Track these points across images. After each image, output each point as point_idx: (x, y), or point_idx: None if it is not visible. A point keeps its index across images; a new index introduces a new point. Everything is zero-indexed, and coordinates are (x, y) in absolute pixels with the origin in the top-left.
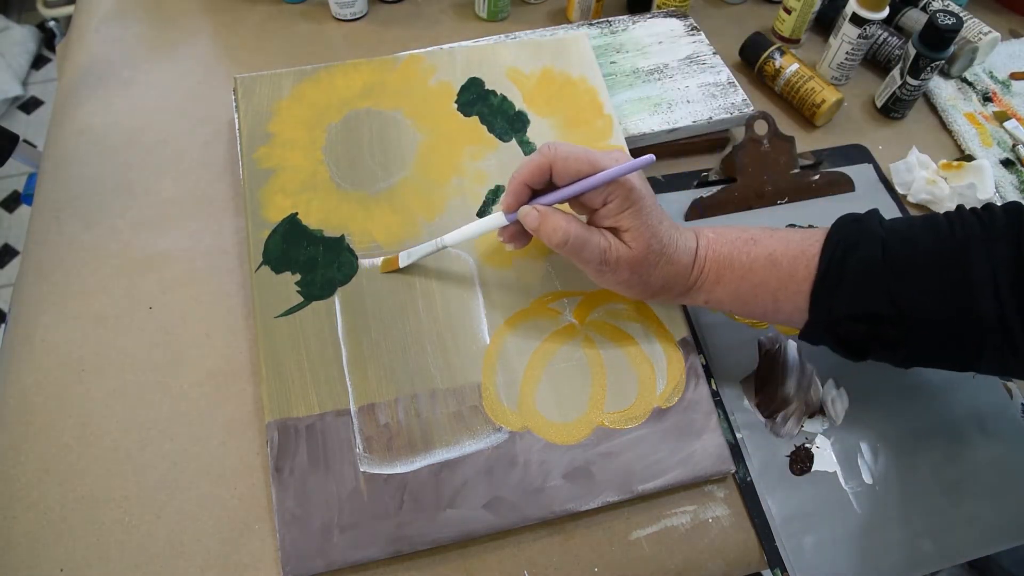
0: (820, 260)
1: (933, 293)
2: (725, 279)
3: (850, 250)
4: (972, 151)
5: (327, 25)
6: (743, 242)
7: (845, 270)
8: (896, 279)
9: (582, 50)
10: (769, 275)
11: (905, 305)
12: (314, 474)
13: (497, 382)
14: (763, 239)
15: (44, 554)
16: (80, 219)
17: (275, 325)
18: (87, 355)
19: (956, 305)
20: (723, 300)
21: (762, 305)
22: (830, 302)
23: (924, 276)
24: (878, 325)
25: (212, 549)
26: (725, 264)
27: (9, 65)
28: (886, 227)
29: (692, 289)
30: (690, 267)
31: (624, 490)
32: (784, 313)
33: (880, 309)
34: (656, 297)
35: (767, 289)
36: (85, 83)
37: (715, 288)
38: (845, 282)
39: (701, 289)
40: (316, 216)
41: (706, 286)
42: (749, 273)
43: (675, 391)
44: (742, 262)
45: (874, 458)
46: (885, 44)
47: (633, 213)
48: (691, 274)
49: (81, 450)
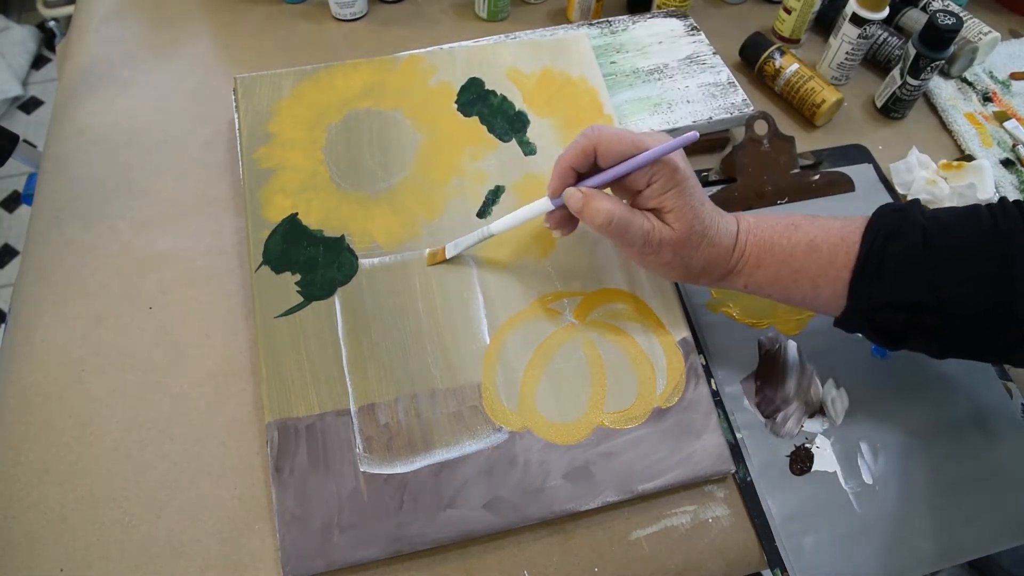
0: (860, 247)
1: (973, 284)
2: (765, 263)
3: (891, 237)
4: (972, 151)
5: (327, 25)
6: (784, 227)
7: (886, 257)
8: (937, 268)
9: (582, 50)
10: (809, 261)
11: (946, 295)
12: (314, 474)
13: (497, 382)
14: (804, 225)
15: (44, 554)
16: (80, 219)
17: (275, 325)
18: (87, 355)
19: (995, 298)
20: (762, 284)
21: (801, 291)
22: (870, 289)
23: (965, 267)
24: (918, 314)
25: (212, 549)
26: (766, 248)
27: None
28: (927, 216)
29: (732, 272)
30: (731, 249)
31: (624, 490)
32: (822, 299)
33: (921, 298)
34: (697, 280)
35: (807, 275)
36: (85, 83)
37: (755, 272)
38: (886, 270)
39: (741, 273)
40: (316, 216)
41: (746, 270)
42: (790, 258)
43: (675, 391)
44: (783, 246)
45: (874, 458)
46: (885, 44)
47: (677, 193)
48: (732, 256)
49: (81, 450)
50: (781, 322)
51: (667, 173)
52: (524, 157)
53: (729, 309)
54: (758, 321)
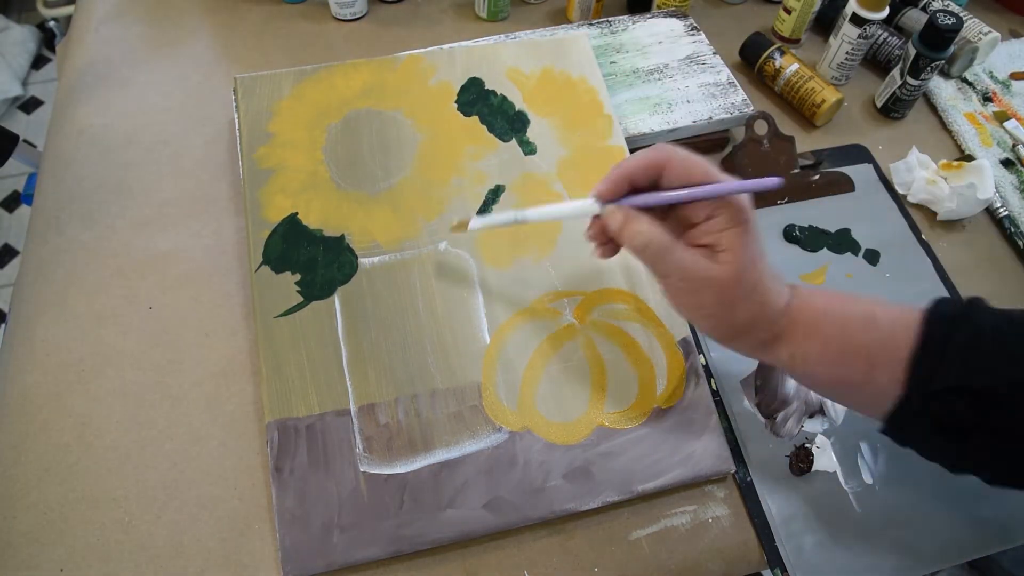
0: (921, 327)
1: None
2: (816, 333)
3: (959, 320)
4: (972, 151)
5: (327, 25)
6: (841, 299)
7: (952, 339)
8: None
9: (582, 50)
10: (867, 335)
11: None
12: (314, 474)
13: (497, 382)
14: (862, 299)
15: (44, 554)
16: (80, 219)
17: (275, 325)
18: (87, 355)
19: None
20: (810, 357)
21: (853, 370)
22: (931, 372)
23: None
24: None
25: (212, 549)
26: (820, 315)
27: (9, 65)
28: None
29: (778, 338)
30: (780, 312)
31: (624, 490)
32: (878, 385)
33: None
34: (736, 340)
35: (862, 352)
36: (85, 83)
37: (804, 343)
38: (951, 352)
39: (790, 341)
40: (316, 216)
41: (795, 339)
42: (844, 330)
43: (675, 391)
44: (836, 316)
45: (874, 458)
46: (885, 44)
47: (738, 234)
48: (780, 320)
49: (81, 450)
50: None
51: (733, 211)
52: (524, 157)
53: None
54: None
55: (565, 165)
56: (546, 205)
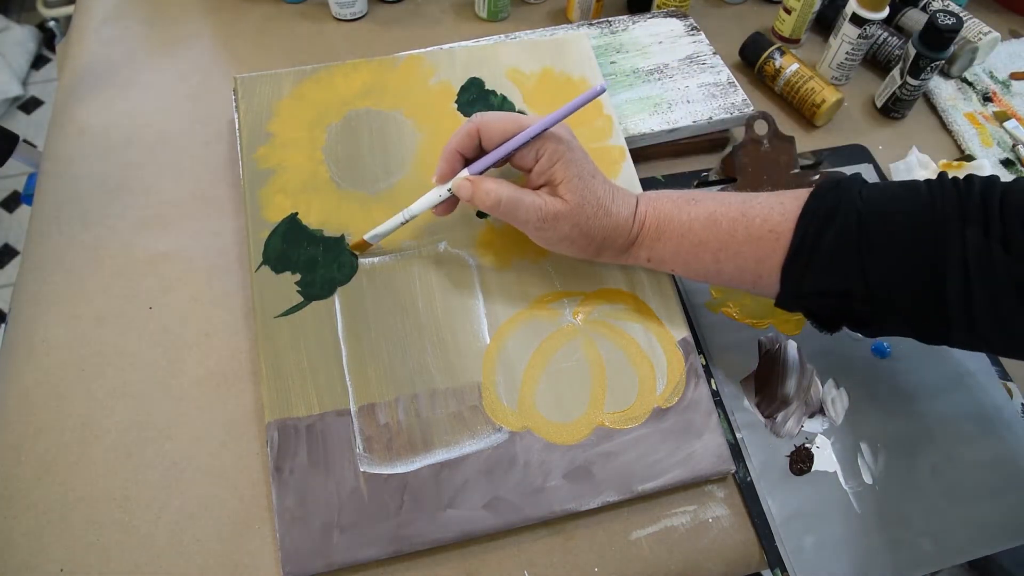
0: (795, 233)
1: (904, 269)
2: (666, 235)
3: (826, 222)
4: (972, 151)
5: (327, 25)
6: (684, 200)
7: (819, 245)
8: (869, 255)
9: (582, 50)
10: (709, 234)
11: (875, 281)
12: (314, 474)
13: (497, 382)
14: (703, 200)
15: (44, 554)
16: (80, 219)
17: (275, 325)
18: (87, 355)
19: (925, 283)
20: (665, 258)
21: (703, 265)
22: (800, 277)
23: (897, 252)
24: (847, 301)
25: (212, 549)
26: (665, 219)
27: (9, 65)
28: (864, 197)
29: (634, 244)
30: (630, 220)
31: (624, 490)
32: (725, 275)
33: (849, 286)
34: (600, 254)
35: (707, 249)
36: (85, 83)
37: (656, 245)
38: (816, 258)
39: (643, 245)
40: (316, 216)
41: (647, 242)
42: (688, 231)
43: (675, 391)
44: (681, 220)
45: (874, 458)
46: (885, 44)
47: (564, 164)
48: (631, 228)
49: (81, 450)
50: (781, 322)
51: (551, 146)
52: None
53: (729, 309)
54: (758, 321)
55: None
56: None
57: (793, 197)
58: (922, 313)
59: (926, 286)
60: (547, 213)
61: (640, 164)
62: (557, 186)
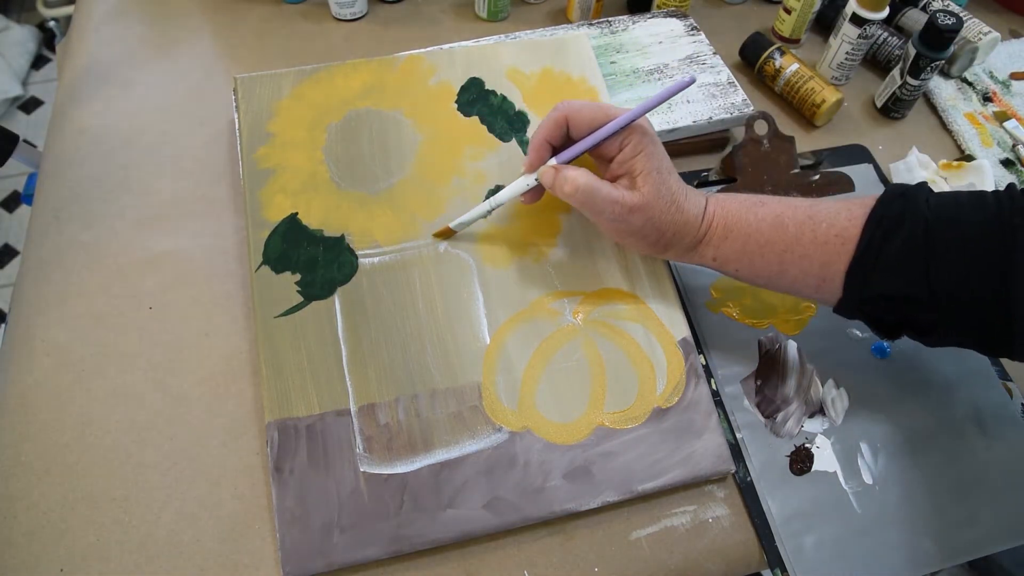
0: (861, 237)
1: (970, 278)
2: (733, 235)
3: (893, 228)
4: (972, 151)
5: (327, 25)
6: (752, 203)
7: (885, 251)
8: (935, 261)
9: (582, 50)
10: (776, 236)
11: (940, 289)
12: (314, 474)
13: (497, 382)
14: (770, 202)
15: (44, 554)
16: (80, 219)
17: (275, 325)
18: (87, 355)
19: (992, 292)
20: (730, 258)
21: (767, 267)
22: (865, 282)
23: (963, 260)
24: (911, 307)
25: (212, 549)
26: (733, 219)
27: (9, 65)
28: (932, 204)
29: (701, 243)
30: (700, 218)
31: (624, 490)
32: (788, 278)
33: (914, 292)
34: (667, 250)
35: (773, 250)
36: (85, 83)
37: (723, 244)
38: (883, 263)
39: (710, 243)
40: (316, 216)
41: (715, 240)
42: (756, 232)
43: (675, 391)
44: (749, 220)
45: (874, 458)
46: (885, 44)
47: (646, 156)
48: (700, 226)
49: (81, 450)
50: (781, 322)
51: (635, 138)
52: (524, 157)
53: (729, 309)
54: (758, 321)
55: None
56: (502, 190)
57: (860, 203)
58: (986, 322)
59: (992, 295)
60: (624, 205)
61: None
62: (636, 177)
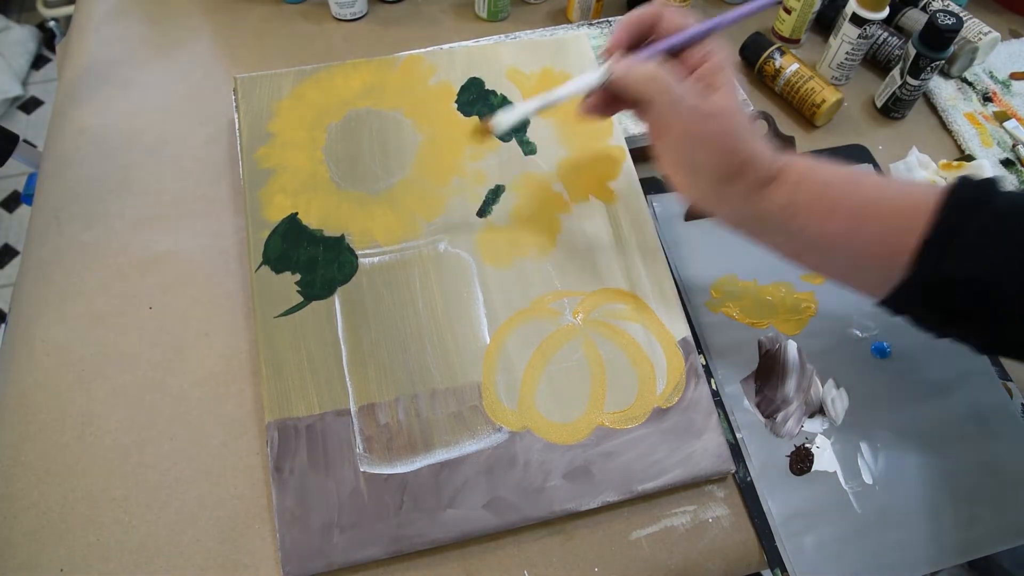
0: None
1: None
2: (806, 183)
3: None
4: (972, 151)
5: (327, 25)
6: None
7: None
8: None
9: (582, 50)
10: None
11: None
12: (314, 474)
13: (497, 382)
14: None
15: (44, 554)
16: (80, 219)
17: (275, 325)
18: (87, 355)
19: None
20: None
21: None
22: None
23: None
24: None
25: (212, 549)
26: (806, 168)
27: (9, 65)
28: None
29: (775, 182)
30: (770, 156)
31: (624, 490)
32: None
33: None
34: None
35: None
36: (85, 83)
37: (795, 191)
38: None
39: (783, 185)
40: (316, 216)
41: (788, 184)
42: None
43: (675, 391)
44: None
45: (874, 458)
46: (885, 44)
47: (727, 73)
48: (773, 164)
49: (81, 450)
50: (781, 322)
51: (723, 53)
52: (524, 157)
53: (729, 309)
54: (758, 321)
55: (565, 165)
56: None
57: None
58: None
59: None
60: (703, 101)
61: (640, 164)
62: (716, 91)
